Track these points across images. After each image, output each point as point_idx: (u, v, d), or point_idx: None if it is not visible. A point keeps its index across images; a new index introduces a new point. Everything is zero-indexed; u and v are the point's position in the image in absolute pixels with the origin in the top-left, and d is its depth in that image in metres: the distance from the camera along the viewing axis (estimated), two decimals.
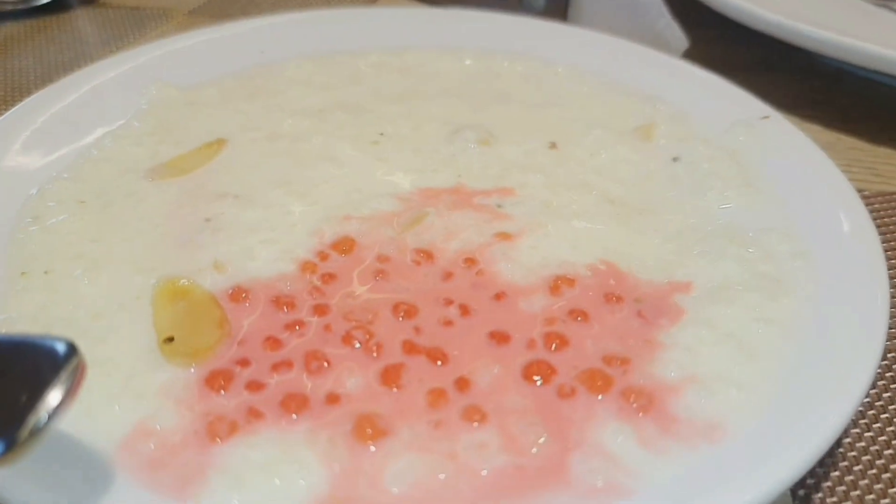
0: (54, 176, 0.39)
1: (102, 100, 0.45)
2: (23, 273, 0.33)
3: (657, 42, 0.55)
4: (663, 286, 0.34)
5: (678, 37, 0.56)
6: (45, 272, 0.34)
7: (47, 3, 0.69)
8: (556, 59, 0.51)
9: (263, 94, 0.47)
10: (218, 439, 0.27)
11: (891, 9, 0.66)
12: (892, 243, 0.43)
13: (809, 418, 0.27)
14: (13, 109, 0.43)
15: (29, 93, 0.56)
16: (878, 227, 0.43)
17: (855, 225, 0.36)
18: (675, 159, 0.42)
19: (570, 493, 0.25)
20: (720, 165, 0.41)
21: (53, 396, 0.22)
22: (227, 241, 0.35)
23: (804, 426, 0.26)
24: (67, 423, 0.24)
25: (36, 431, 0.22)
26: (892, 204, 0.46)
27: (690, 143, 0.43)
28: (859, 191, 0.46)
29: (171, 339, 0.30)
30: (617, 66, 0.49)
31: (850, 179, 0.47)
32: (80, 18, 0.69)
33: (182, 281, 0.33)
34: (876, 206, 0.46)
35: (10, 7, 0.67)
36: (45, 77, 0.59)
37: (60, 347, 0.24)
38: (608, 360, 0.30)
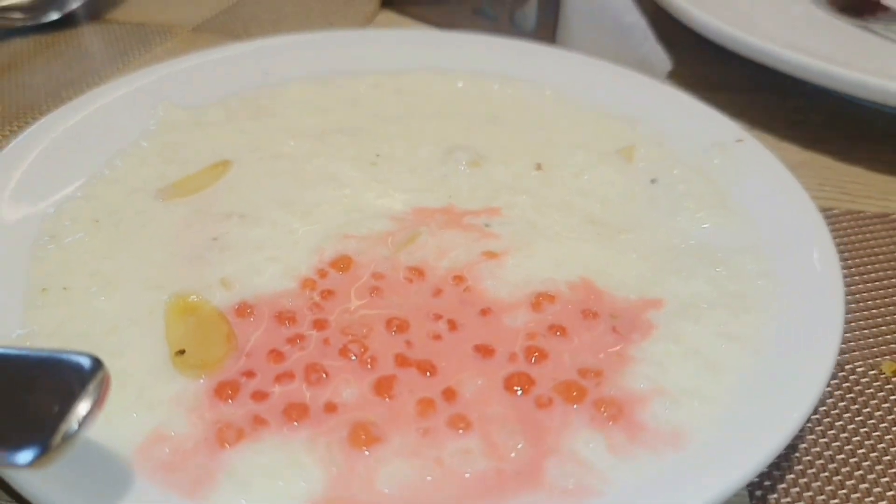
0: (69, 195, 0.42)
1: (112, 120, 0.47)
2: (43, 289, 0.36)
3: (642, 64, 0.58)
4: (637, 303, 0.37)
5: (662, 59, 0.58)
6: (64, 288, 0.36)
7: (55, 20, 0.71)
8: (544, 82, 0.53)
9: (267, 115, 0.50)
10: (226, 445, 0.29)
11: (870, 29, 0.69)
12: (858, 261, 0.45)
13: (763, 428, 0.29)
14: (28, 130, 0.45)
15: (39, 109, 0.59)
16: (845, 244, 0.47)
17: (817, 246, 0.38)
18: (653, 181, 0.45)
19: (543, 494, 0.28)
20: (695, 187, 0.44)
21: (82, 407, 0.25)
22: (233, 259, 0.38)
23: (758, 435, 0.29)
24: (90, 431, 0.27)
25: (67, 438, 0.24)
26: (860, 222, 0.49)
27: (668, 165, 0.46)
28: (829, 209, 0.49)
29: (182, 353, 0.33)
30: (601, 89, 0.52)
31: (821, 198, 0.51)
32: (87, 34, 0.71)
33: (192, 297, 0.36)
34: (844, 224, 0.48)
35: (20, 23, 0.69)
36: (55, 93, 0.61)
37: (86, 362, 0.26)
38: (583, 372, 0.33)
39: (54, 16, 0.70)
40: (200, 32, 0.71)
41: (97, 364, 0.26)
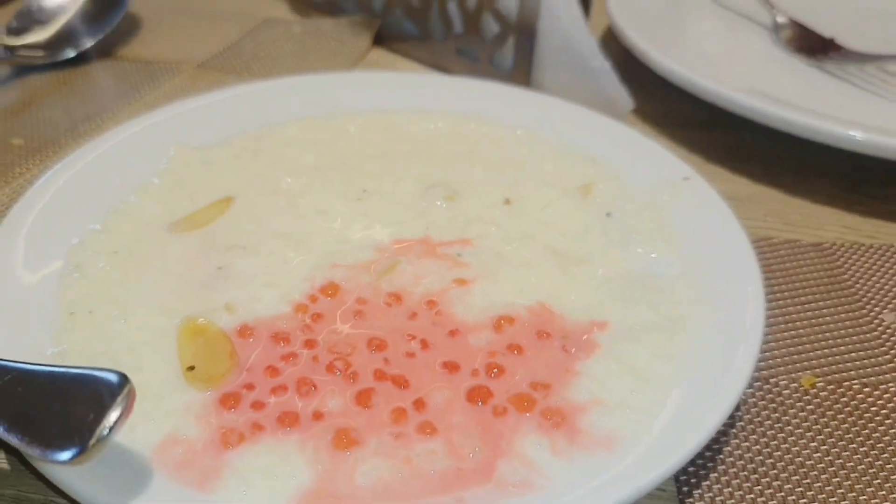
0: (91, 229, 0.47)
1: (127, 160, 0.53)
2: (71, 313, 0.41)
3: (607, 103, 0.64)
4: (586, 324, 0.42)
5: (625, 99, 0.64)
6: (89, 312, 0.42)
7: (71, 57, 0.76)
8: (516, 123, 0.59)
9: (266, 153, 0.55)
10: (230, 447, 0.35)
11: (824, 69, 0.75)
12: (791, 285, 0.51)
13: (682, 435, 0.35)
14: (53, 168, 0.50)
15: (58, 143, 0.65)
16: (782, 270, 0.52)
17: (746, 276, 0.44)
18: (608, 215, 0.51)
19: (493, 488, 0.33)
20: (645, 221, 0.49)
21: (113, 415, 0.30)
22: (236, 287, 0.44)
23: (677, 441, 0.34)
24: (118, 435, 0.32)
25: (100, 440, 0.30)
26: (796, 250, 0.54)
27: (622, 200, 0.51)
28: (770, 238, 0.55)
29: (192, 368, 0.39)
30: (567, 129, 0.58)
31: (765, 227, 0.56)
32: (100, 71, 0.77)
33: (199, 320, 0.41)
34: (782, 252, 0.54)
35: (40, 61, 0.75)
36: (73, 128, 0.66)
37: (115, 378, 0.32)
38: (534, 385, 0.38)
39: (70, 53, 0.76)
40: (205, 69, 0.77)
41: (124, 380, 0.32)
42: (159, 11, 0.88)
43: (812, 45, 0.77)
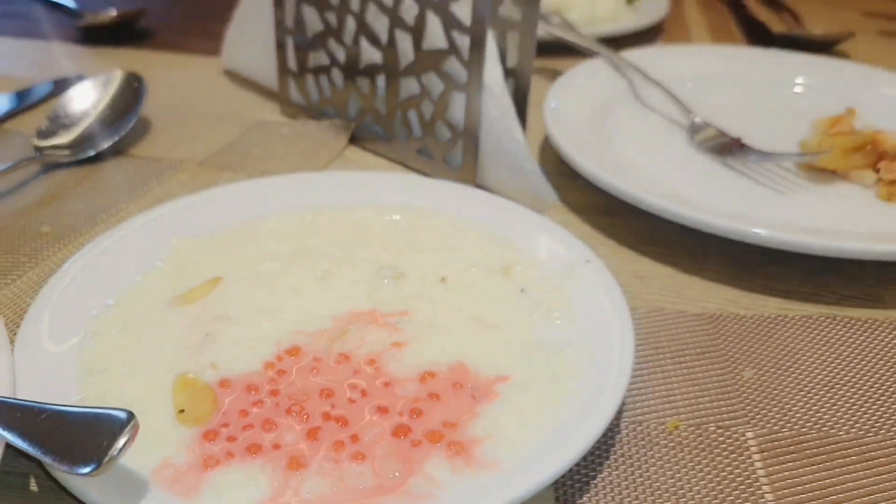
0: (105, 304, 0.60)
1: (136, 247, 0.65)
2: (90, 370, 0.53)
3: (535, 197, 0.77)
4: (491, 378, 0.54)
5: (550, 194, 0.77)
6: (104, 369, 0.53)
7: (91, 156, 0.90)
8: (456, 215, 0.71)
9: (250, 242, 0.68)
10: (209, 468, 0.46)
11: (729, 166, 0.88)
12: (674, 349, 0.62)
13: (550, 462, 0.46)
14: (76, 255, 0.63)
15: (79, 231, 0.77)
16: (670, 337, 0.64)
17: (621, 342, 0.55)
18: (522, 290, 0.63)
19: (398, 497, 0.44)
20: (551, 296, 0.61)
21: (121, 442, 0.42)
22: (219, 350, 0.55)
23: (546, 466, 0.45)
24: (124, 459, 0.44)
25: (111, 459, 0.41)
26: (682, 319, 0.66)
27: (535, 279, 0.63)
28: (661, 309, 0.67)
29: (182, 411, 0.50)
30: (496, 220, 0.70)
31: (660, 300, 0.68)
32: (115, 168, 0.89)
33: (190, 375, 0.53)
34: (670, 321, 0.66)
35: (64, 159, 0.89)
36: (92, 218, 0.78)
37: (124, 415, 0.43)
38: (445, 424, 0.50)
39: (91, 153, 0.89)
40: (205, 166, 0.89)
41: (131, 416, 0.43)
42: (167, 115, 1.02)
43: (722, 144, 0.90)
